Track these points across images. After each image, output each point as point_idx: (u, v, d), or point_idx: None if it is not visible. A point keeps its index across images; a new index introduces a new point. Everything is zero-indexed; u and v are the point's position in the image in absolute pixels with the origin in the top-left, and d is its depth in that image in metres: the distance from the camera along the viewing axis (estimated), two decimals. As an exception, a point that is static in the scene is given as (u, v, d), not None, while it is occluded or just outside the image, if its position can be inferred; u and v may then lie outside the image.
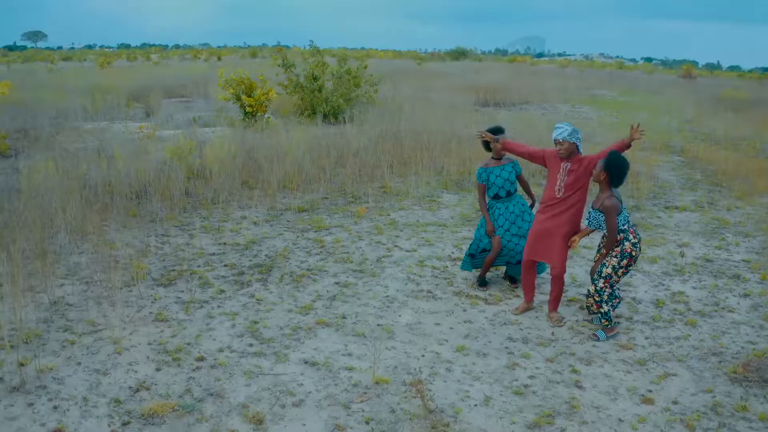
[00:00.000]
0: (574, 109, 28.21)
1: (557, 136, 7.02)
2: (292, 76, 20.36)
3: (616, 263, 6.81)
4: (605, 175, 6.73)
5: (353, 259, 8.95)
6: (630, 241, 6.78)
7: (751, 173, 15.37)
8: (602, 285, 6.88)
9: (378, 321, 7.13)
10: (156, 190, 11.27)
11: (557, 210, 7.11)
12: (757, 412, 5.75)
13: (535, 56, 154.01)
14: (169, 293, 7.63)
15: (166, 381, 5.75)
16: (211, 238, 9.62)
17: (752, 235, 11.09)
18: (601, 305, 6.91)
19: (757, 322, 7.66)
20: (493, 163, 7.97)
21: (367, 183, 12.87)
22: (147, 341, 6.46)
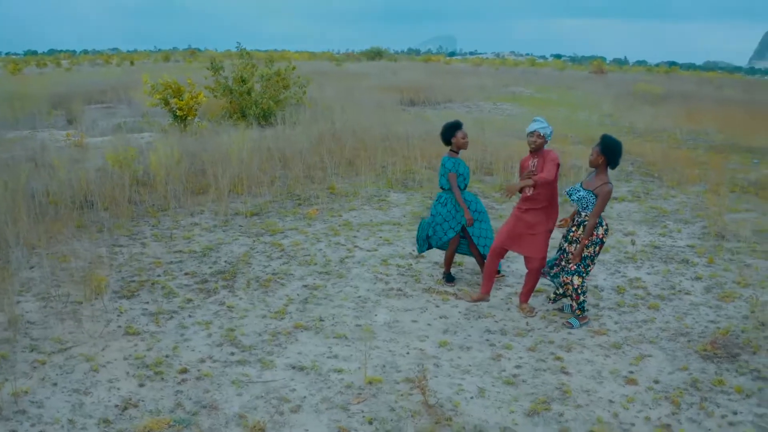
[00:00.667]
0: (496, 107, 28.66)
1: (538, 129, 7.18)
2: (221, 79, 20.07)
3: (592, 251, 6.98)
4: (603, 158, 6.88)
5: (317, 261, 8.91)
6: (603, 227, 6.95)
7: (679, 163, 15.92)
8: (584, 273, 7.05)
9: (356, 322, 7.13)
10: (100, 199, 10.98)
11: (534, 206, 7.29)
12: (733, 385, 6.07)
13: (448, 55, 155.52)
14: (134, 305, 7.44)
15: (152, 396, 5.61)
16: (164, 246, 9.42)
17: (691, 222, 11.48)
18: (580, 296, 7.07)
19: (713, 302, 7.99)
20: (454, 156, 8.09)
21: (314, 184, 12.83)
22: (122, 356, 6.27)
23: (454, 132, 8.01)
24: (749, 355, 6.65)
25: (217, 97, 20.21)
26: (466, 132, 8.06)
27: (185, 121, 18.01)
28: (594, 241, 6.95)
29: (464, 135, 8.02)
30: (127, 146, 12.90)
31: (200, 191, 12.00)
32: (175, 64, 54.06)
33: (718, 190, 13.40)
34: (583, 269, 7.03)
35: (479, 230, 8.17)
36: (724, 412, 5.62)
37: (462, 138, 8.00)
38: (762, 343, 6.90)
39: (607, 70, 69.71)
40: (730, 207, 12.37)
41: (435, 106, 27.64)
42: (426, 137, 16.82)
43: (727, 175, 15.13)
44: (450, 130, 8.04)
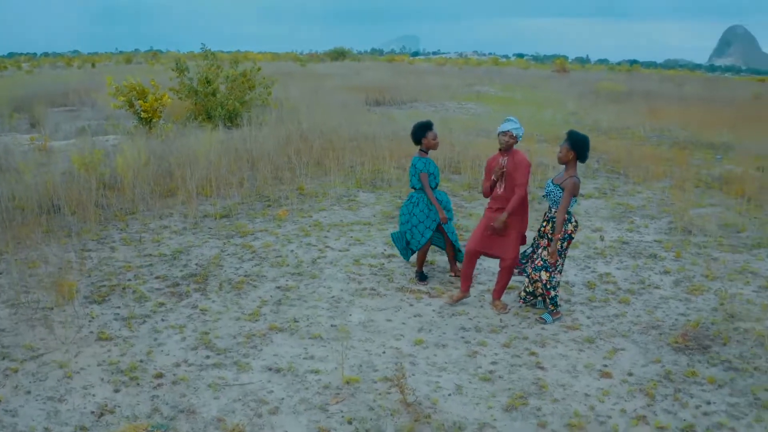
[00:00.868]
0: (461, 106, 28.76)
1: (511, 130, 7.23)
2: (185, 81, 19.88)
3: (560, 246, 7.04)
4: (573, 154, 6.96)
5: (289, 263, 8.88)
6: (572, 223, 7.03)
7: (644, 160, 16.12)
8: (553, 270, 7.12)
9: (331, 322, 7.13)
10: (67, 204, 10.84)
11: (503, 205, 7.35)
12: (706, 376, 6.20)
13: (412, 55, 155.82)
14: (105, 310, 7.36)
15: (128, 402, 5.56)
16: (133, 250, 9.33)
17: (657, 217, 11.64)
18: (550, 291, 7.14)
19: (682, 296, 8.13)
20: (424, 155, 8.14)
21: (283, 185, 12.79)
22: (96, 362, 6.21)
23: (425, 132, 8.06)
24: (720, 346, 6.77)
25: (181, 98, 19.99)
26: (436, 132, 8.13)
27: (150, 123, 17.82)
28: (563, 237, 7.03)
29: (435, 135, 8.08)
30: (93, 149, 12.75)
31: (168, 194, 11.90)
32: (138, 66, 53.44)
33: (682, 185, 13.60)
34: (551, 264, 7.10)
35: (453, 227, 8.25)
36: (698, 403, 5.72)
37: (432, 138, 8.06)
38: (732, 334, 7.03)
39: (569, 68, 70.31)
40: (695, 202, 12.56)
41: (400, 106, 27.68)
42: (393, 137, 16.86)
43: (691, 171, 15.34)
44: (421, 131, 8.09)
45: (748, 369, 6.32)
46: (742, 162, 16.72)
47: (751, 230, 10.96)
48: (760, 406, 5.68)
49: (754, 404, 5.73)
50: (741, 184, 13.75)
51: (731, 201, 12.83)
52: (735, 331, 7.13)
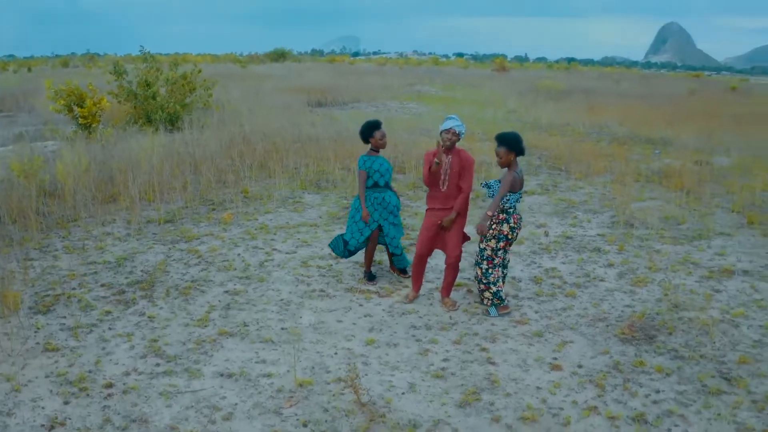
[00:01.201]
0: (403, 106, 28.89)
1: (454, 127, 7.26)
2: (124, 84, 19.55)
3: (494, 245, 7.15)
4: (513, 154, 7.03)
5: (236, 266, 8.80)
6: (509, 225, 7.10)
7: (584, 156, 16.41)
8: (486, 267, 7.20)
9: (281, 325, 7.07)
10: (7, 212, 10.58)
11: (447, 204, 7.41)
12: (653, 365, 6.34)
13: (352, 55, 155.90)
14: (50, 320, 7.18)
15: (79, 414, 5.43)
16: (77, 258, 9.14)
17: (599, 212, 11.84)
18: (489, 286, 7.21)
19: (627, 288, 8.29)
20: (372, 154, 8.15)
21: (227, 188, 12.67)
22: (44, 374, 6.05)
23: (372, 132, 8.10)
24: (666, 336, 6.91)
25: (120, 102, 19.67)
26: (384, 132, 8.15)
27: (90, 128, 17.48)
28: (497, 236, 7.11)
29: (382, 135, 8.11)
30: (32, 156, 12.46)
31: (110, 200, 11.69)
32: (75, 70, 52.45)
33: (623, 180, 13.87)
34: (482, 260, 7.24)
35: (393, 230, 8.24)
36: (647, 392, 5.83)
37: (380, 138, 8.09)
38: (677, 324, 7.18)
39: (509, 67, 71.17)
40: (635, 196, 12.82)
41: (342, 107, 27.67)
42: (337, 138, 16.87)
43: (631, 166, 15.66)
44: (368, 130, 8.12)
45: (694, 357, 6.46)
46: (680, 156, 17.13)
47: (691, 222, 11.22)
48: (707, 393, 5.82)
49: (701, 391, 5.86)
50: (680, 178, 14.08)
51: (671, 194, 13.11)
52: (680, 320, 7.30)
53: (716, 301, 7.93)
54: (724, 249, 9.89)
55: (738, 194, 13.11)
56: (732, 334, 7.01)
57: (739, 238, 10.50)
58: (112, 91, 19.44)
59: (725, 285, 8.47)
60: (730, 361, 6.41)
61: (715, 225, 11.10)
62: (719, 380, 6.05)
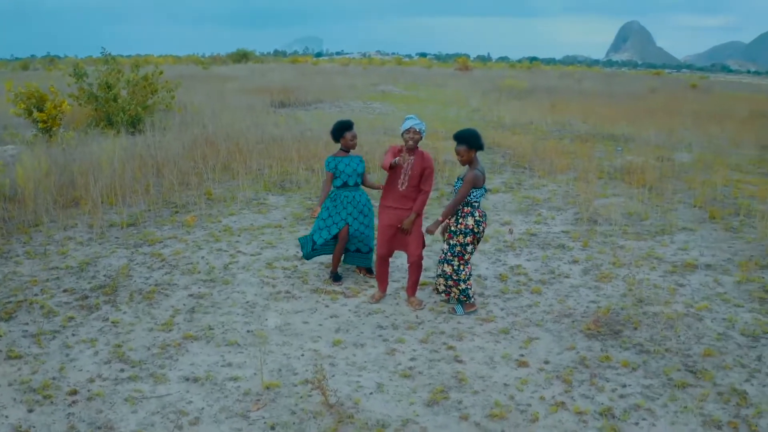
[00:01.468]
0: (367, 106, 28.86)
1: (414, 126, 7.25)
2: (85, 86, 19.30)
3: (462, 239, 7.13)
4: (473, 151, 7.04)
5: (200, 269, 8.70)
6: (474, 218, 7.10)
7: (548, 154, 16.52)
8: (458, 264, 7.20)
9: (247, 327, 7.00)
10: (-36, 219, 10.38)
11: (405, 205, 7.42)
12: (619, 360, 6.39)
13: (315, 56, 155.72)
14: (13, 327, 7.03)
15: (44, 422, 5.32)
16: (38, 263, 8.97)
17: (563, 209, 11.92)
18: (459, 283, 7.21)
19: (592, 284, 8.34)
20: (342, 154, 8.14)
21: (190, 191, 12.53)
22: (7, 382, 5.91)
23: (343, 132, 8.11)
24: (631, 330, 6.97)
25: (81, 105, 19.43)
26: (355, 133, 8.18)
27: (51, 131, 17.20)
28: (463, 231, 7.11)
29: (353, 136, 8.13)
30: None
31: (72, 204, 11.50)
32: (36, 73, 51.60)
33: (586, 177, 13.97)
34: (452, 257, 7.21)
35: (358, 232, 8.20)
36: (614, 386, 5.86)
37: (350, 139, 8.11)
38: (641, 318, 7.25)
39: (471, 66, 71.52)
40: (598, 193, 12.93)
41: (306, 107, 27.56)
42: (300, 138, 16.80)
43: (593, 163, 15.79)
44: (339, 130, 8.15)
45: (659, 351, 6.51)
46: (642, 153, 17.32)
47: (653, 218, 11.33)
48: (673, 386, 5.87)
49: (667, 384, 5.91)
50: (642, 174, 14.23)
51: (633, 190, 13.24)
52: (644, 315, 7.36)
53: (680, 295, 8.01)
54: (686, 244, 10.00)
55: (699, 190, 13.27)
56: (696, 327, 7.08)
57: (702, 232, 10.62)
58: (73, 93, 19.19)
59: (688, 279, 8.56)
60: (695, 354, 6.48)
61: (677, 220, 11.22)
62: (685, 373, 6.11)
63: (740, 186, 14.09)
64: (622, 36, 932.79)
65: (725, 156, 17.65)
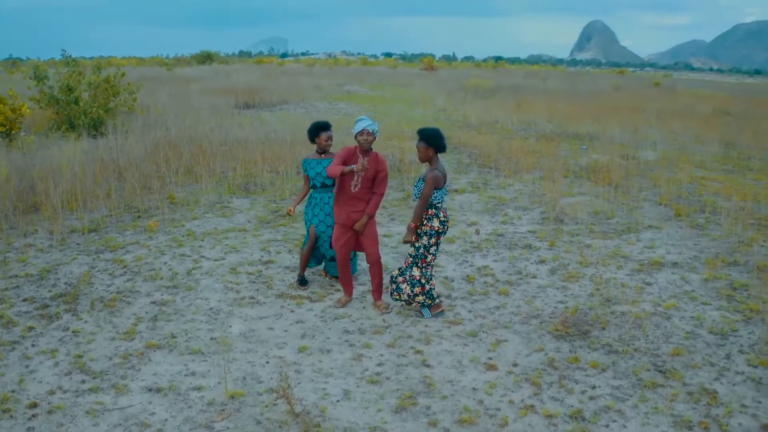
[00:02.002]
0: (332, 106, 28.74)
1: (367, 127, 7.13)
2: (45, 89, 18.97)
3: (426, 241, 7.04)
4: (431, 150, 6.96)
5: (162, 275, 8.52)
6: (439, 219, 7.02)
7: (513, 153, 16.51)
8: (423, 266, 7.11)
9: (210, 335, 6.85)
10: None
11: (357, 206, 7.32)
12: (588, 360, 6.33)
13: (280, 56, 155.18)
14: (-32, 338, 6.84)
15: (0, 435, 5.18)
16: (-4, 272, 8.75)
17: (529, 208, 11.90)
18: (425, 285, 7.13)
19: (559, 284, 8.31)
20: (315, 156, 8.11)
21: (152, 195, 12.32)
22: (-37, 395, 5.75)
23: (318, 133, 8.09)
24: (599, 330, 6.93)
25: (42, 108, 19.11)
26: (330, 134, 8.14)
27: (10, 135, 16.86)
28: (428, 233, 7.02)
29: (328, 137, 8.10)
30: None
31: (32, 210, 11.25)
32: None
33: (552, 176, 13.97)
34: (420, 261, 7.12)
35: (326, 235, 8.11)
36: (583, 388, 5.82)
37: (325, 140, 8.07)
38: (610, 318, 7.21)
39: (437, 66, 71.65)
40: (565, 192, 12.93)
41: (271, 108, 27.37)
42: (265, 140, 16.64)
43: (559, 162, 15.81)
44: (315, 131, 8.13)
45: (628, 351, 6.48)
46: (607, 151, 17.39)
47: (620, 216, 11.34)
48: (643, 386, 5.83)
49: (637, 385, 5.87)
50: (608, 173, 14.27)
51: (599, 189, 13.26)
52: (612, 314, 7.33)
53: (647, 294, 8.00)
54: (653, 242, 10.02)
55: (665, 187, 13.33)
56: (665, 326, 7.07)
57: (668, 230, 10.65)
58: (34, 96, 18.87)
59: (656, 278, 8.56)
60: (664, 354, 6.45)
61: (643, 218, 11.25)
62: (654, 373, 6.08)
63: (705, 183, 14.17)
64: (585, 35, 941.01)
65: (690, 153, 17.79)
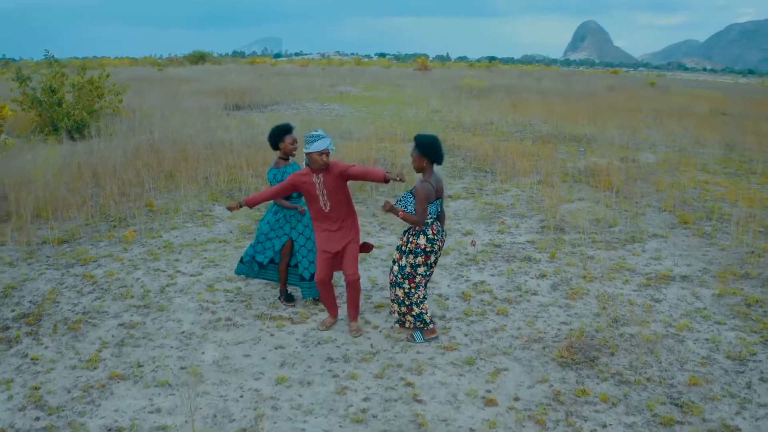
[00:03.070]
0: (323, 107, 28.12)
1: (323, 148, 6.31)
2: (28, 91, 18.37)
3: (412, 260, 6.44)
4: (426, 159, 6.32)
5: (133, 293, 7.86)
6: (426, 236, 6.40)
7: (509, 156, 15.93)
8: (408, 286, 6.50)
9: (180, 364, 6.20)
10: None
11: (334, 226, 6.63)
12: (597, 393, 5.71)
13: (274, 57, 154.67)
14: None
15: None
16: (-41, 288, 8.09)
17: (527, 216, 11.32)
18: (412, 308, 6.52)
19: (562, 301, 7.70)
20: (282, 163, 7.36)
21: (130, 202, 11.66)
22: None
23: (282, 137, 7.26)
24: (608, 357, 6.33)
25: (25, 110, 18.53)
26: (295, 137, 7.32)
27: (-8, 138, 16.24)
28: (414, 251, 6.42)
29: (293, 140, 7.28)
30: None
31: (4, 218, 10.59)
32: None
33: (550, 180, 13.40)
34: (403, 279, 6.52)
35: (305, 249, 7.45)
36: (593, 426, 5.20)
37: (290, 143, 7.27)
38: (618, 342, 6.61)
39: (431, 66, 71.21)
40: (564, 197, 12.35)
41: (261, 109, 26.72)
42: (251, 143, 16.03)
43: (557, 165, 15.26)
44: (278, 135, 7.28)
45: (640, 381, 5.88)
46: (605, 153, 16.84)
47: (622, 224, 10.77)
48: (658, 424, 5.23)
49: (652, 422, 5.27)
50: (607, 176, 13.71)
51: (600, 194, 12.70)
52: (621, 337, 6.73)
53: (657, 312, 7.41)
54: (659, 252, 9.45)
55: (667, 192, 12.80)
56: (678, 351, 6.47)
57: (673, 239, 10.08)
58: (16, 98, 18.28)
59: (664, 293, 7.98)
60: (679, 384, 5.86)
61: (647, 226, 10.68)
62: (670, 407, 5.47)
63: (708, 188, 13.62)
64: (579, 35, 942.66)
65: (690, 156, 17.24)
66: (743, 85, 76.03)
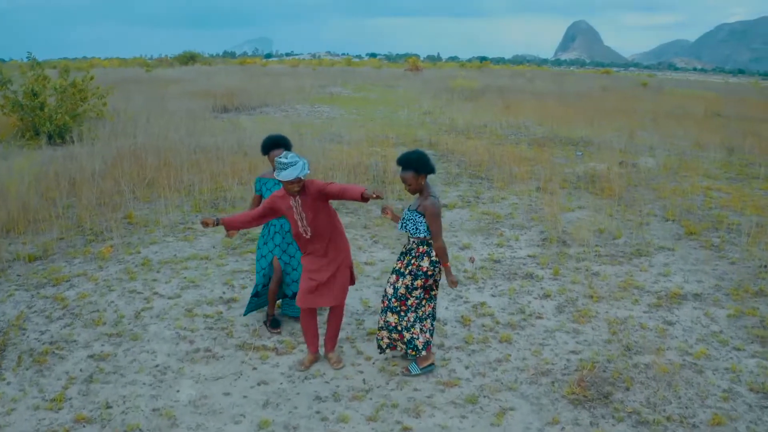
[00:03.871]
0: (313, 109, 27.54)
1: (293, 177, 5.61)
2: (9, 94, 17.78)
3: (410, 282, 5.87)
4: (421, 177, 5.75)
5: (106, 319, 7.21)
6: (430, 258, 5.84)
7: (505, 161, 15.43)
8: (399, 309, 5.93)
9: (153, 404, 5.58)
10: None
11: (317, 251, 6.01)
12: (615, 438, 5.06)
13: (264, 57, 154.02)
14: None
15: None
16: None
17: (527, 227, 10.80)
18: (403, 333, 5.95)
19: (569, 326, 7.15)
20: (269, 175, 6.81)
21: (108, 214, 11.00)
22: None
23: (270, 150, 6.70)
24: (623, 392, 5.76)
25: (6, 114, 17.96)
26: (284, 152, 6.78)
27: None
28: (415, 273, 5.87)
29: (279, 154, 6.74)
30: None
31: (-32, 234, 9.99)
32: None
33: (549, 187, 12.90)
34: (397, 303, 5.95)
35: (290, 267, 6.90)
36: (611, 483, 4.63)
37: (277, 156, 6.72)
38: (633, 374, 6.05)
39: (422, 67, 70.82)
40: (564, 206, 11.84)
41: (250, 112, 26.12)
42: (238, 149, 15.45)
43: (555, 171, 14.77)
44: (268, 147, 6.74)
45: (659, 420, 5.32)
46: (603, 158, 16.38)
47: (627, 236, 10.25)
48: (683, 476, 4.68)
49: (675, 472, 4.72)
50: (607, 183, 13.24)
51: (601, 202, 12.20)
52: (635, 368, 6.17)
53: (671, 337, 6.86)
54: (667, 267, 8.92)
55: (670, 200, 12.31)
56: (697, 383, 5.92)
57: (681, 252, 9.56)
58: (-3, 101, 17.81)
59: (677, 315, 7.44)
60: (702, 424, 5.30)
61: (652, 238, 10.16)
62: (694, 454, 4.93)
63: (712, 194, 13.13)
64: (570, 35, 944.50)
65: (691, 160, 16.75)
66: (734, 84, 75.80)
